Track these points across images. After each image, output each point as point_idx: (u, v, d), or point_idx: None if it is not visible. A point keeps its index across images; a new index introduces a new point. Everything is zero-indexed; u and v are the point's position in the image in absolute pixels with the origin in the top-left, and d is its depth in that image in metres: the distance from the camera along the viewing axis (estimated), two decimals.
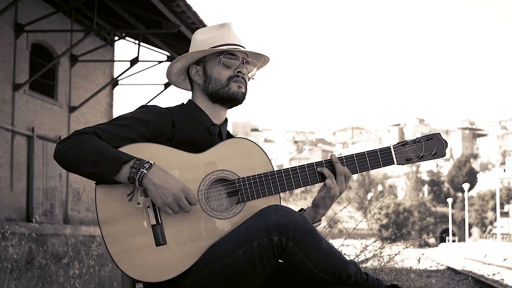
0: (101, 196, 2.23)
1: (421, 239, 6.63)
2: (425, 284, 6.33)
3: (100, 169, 2.15)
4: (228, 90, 2.43)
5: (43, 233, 11.41)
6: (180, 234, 2.23)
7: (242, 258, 2.13)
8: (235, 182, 2.31)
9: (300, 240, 2.12)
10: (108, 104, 17.45)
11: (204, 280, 2.18)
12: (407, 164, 2.41)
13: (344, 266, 2.19)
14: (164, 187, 2.16)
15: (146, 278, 2.19)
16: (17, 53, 13.32)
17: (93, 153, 2.16)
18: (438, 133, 2.45)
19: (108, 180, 2.18)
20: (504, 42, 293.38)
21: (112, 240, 2.20)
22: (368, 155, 2.40)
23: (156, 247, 2.21)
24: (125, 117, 2.32)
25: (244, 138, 2.38)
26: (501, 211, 75.52)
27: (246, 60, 2.48)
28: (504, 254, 23.86)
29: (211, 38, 2.45)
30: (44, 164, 14.42)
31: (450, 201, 68.44)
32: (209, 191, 2.30)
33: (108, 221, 2.21)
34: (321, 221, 2.48)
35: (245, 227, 2.18)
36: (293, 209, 2.23)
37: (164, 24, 12.96)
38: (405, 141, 2.44)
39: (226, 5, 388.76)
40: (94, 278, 6.39)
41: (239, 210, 2.29)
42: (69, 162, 2.20)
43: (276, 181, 2.34)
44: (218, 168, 2.31)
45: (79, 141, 2.19)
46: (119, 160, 2.16)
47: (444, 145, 2.44)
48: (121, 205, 2.23)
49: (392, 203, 78.35)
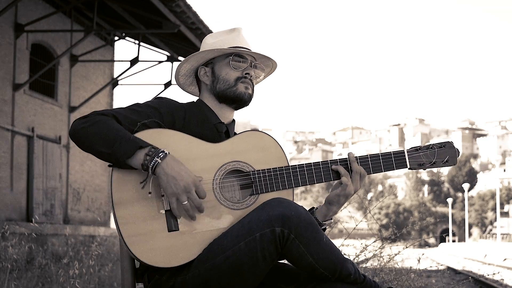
0: (117, 178, 2.23)
1: (421, 239, 6.62)
2: (425, 284, 6.32)
3: (115, 150, 2.16)
4: (235, 90, 2.45)
5: (43, 233, 11.41)
6: (192, 222, 2.24)
7: (244, 250, 2.14)
8: (250, 174, 2.33)
9: (302, 233, 2.13)
10: (108, 104, 17.46)
11: (205, 273, 2.19)
12: (419, 169, 2.46)
13: (344, 264, 2.20)
14: (175, 178, 2.17)
15: (156, 263, 2.19)
16: (17, 53, 13.32)
17: (110, 133, 2.17)
18: (451, 141, 2.49)
19: (121, 163, 2.18)
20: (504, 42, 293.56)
21: (124, 223, 2.20)
22: (382, 157, 2.43)
23: (168, 232, 2.21)
24: (141, 104, 2.34)
25: (261, 132, 2.41)
26: (501, 211, 75.55)
27: (254, 64, 2.51)
28: (504, 254, 23.86)
29: (220, 41, 2.48)
30: (44, 164, 14.42)
31: (450, 201, 68.41)
32: (224, 181, 2.32)
33: (122, 203, 2.21)
34: (332, 219, 2.49)
35: (248, 219, 2.19)
36: (296, 203, 2.24)
37: (164, 24, 12.96)
38: (418, 146, 2.48)
39: (226, 5, 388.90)
40: (94, 278, 6.40)
41: (253, 202, 2.31)
42: (84, 140, 2.20)
43: (290, 176, 2.36)
44: (234, 159, 2.33)
45: (97, 120, 2.20)
46: (135, 144, 2.16)
47: (456, 154, 2.48)
48: (137, 189, 2.23)
49: (392, 203, 78.36)
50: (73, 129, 2.22)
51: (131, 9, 13.31)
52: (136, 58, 15.63)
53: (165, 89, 17.19)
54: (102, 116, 2.22)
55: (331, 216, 2.47)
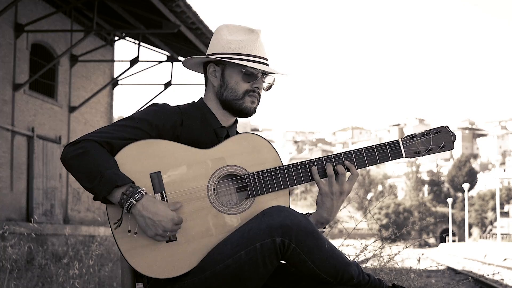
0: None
1: (421, 239, 6.62)
2: (425, 284, 6.32)
3: (95, 186, 2.17)
4: (241, 104, 2.40)
5: (43, 233, 11.40)
6: (190, 230, 2.24)
7: (245, 259, 2.14)
8: (244, 178, 2.31)
9: (302, 242, 2.13)
10: (108, 104, 17.46)
11: (205, 281, 2.19)
12: (416, 157, 2.40)
13: (346, 268, 2.20)
14: (153, 220, 2.16)
15: (156, 274, 2.19)
16: (17, 53, 13.32)
17: (92, 169, 2.17)
18: (447, 126, 2.43)
19: (100, 199, 2.19)
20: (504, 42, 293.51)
21: (122, 237, 2.22)
22: (377, 148, 2.39)
23: (166, 243, 2.22)
24: (134, 118, 2.31)
25: (252, 133, 2.38)
26: (501, 211, 75.46)
27: (266, 75, 2.44)
28: (504, 254, 23.86)
29: (237, 43, 2.38)
30: (44, 164, 14.42)
31: (450, 201, 68.39)
32: (219, 187, 2.30)
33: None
34: (325, 227, 2.44)
35: (248, 228, 2.18)
36: (296, 211, 2.23)
37: (164, 24, 12.96)
38: (413, 134, 2.43)
39: (226, 5, 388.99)
40: (94, 278, 6.39)
41: (249, 205, 2.30)
42: (70, 171, 2.24)
43: (285, 175, 2.34)
44: (227, 164, 2.32)
45: (83, 151, 2.20)
46: (113, 182, 2.15)
47: (452, 138, 2.42)
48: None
49: (392, 203, 78.25)
50: (63, 157, 2.25)
51: (131, 9, 13.31)
52: (136, 58, 15.63)
53: (165, 89, 17.19)
54: (90, 143, 2.21)
55: (322, 222, 2.40)
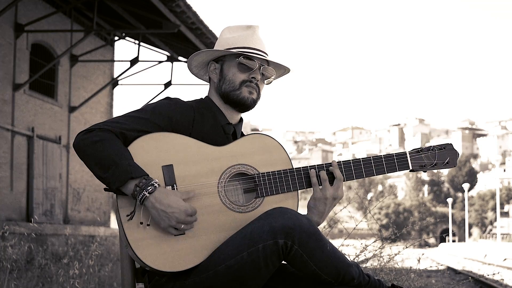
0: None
1: (421, 239, 6.62)
2: (425, 284, 6.33)
3: (108, 176, 2.17)
4: (239, 94, 2.43)
5: (43, 233, 11.42)
6: (198, 225, 2.24)
7: (247, 260, 2.14)
8: (255, 177, 2.33)
9: (305, 244, 2.14)
10: (108, 104, 17.45)
11: (207, 281, 2.18)
12: (421, 170, 2.47)
13: (348, 269, 2.22)
14: (166, 212, 2.16)
15: (162, 267, 2.19)
16: (17, 53, 13.32)
17: (106, 157, 2.17)
18: (451, 143, 2.52)
19: (113, 189, 2.19)
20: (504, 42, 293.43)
21: (131, 227, 2.21)
22: (385, 159, 2.44)
23: (174, 236, 2.21)
24: (147, 109, 2.32)
25: (265, 135, 2.41)
26: (501, 211, 75.49)
27: (264, 67, 2.46)
28: (504, 254, 23.86)
29: (234, 38, 2.44)
30: (44, 164, 14.41)
31: (450, 201, 68.34)
32: (228, 184, 2.32)
33: (127, 208, 2.22)
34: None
35: (250, 229, 2.18)
36: (298, 212, 2.24)
37: (164, 24, 12.95)
38: (419, 148, 2.50)
39: (226, 5, 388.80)
40: (94, 278, 6.39)
41: (258, 204, 2.32)
42: (83, 158, 2.22)
43: (295, 178, 2.37)
44: (239, 162, 2.34)
45: (97, 140, 2.19)
46: (127, 174, 2.15)
47: (456, 155, 2.51)
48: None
49: (392, 203, 78.24)
50: (76, 143, 2.23)
51: (131, 9, 13.30)
52: (136, 58, 15.62)
53: (165, 89, 17.18)
54: (105, 133, 2.21)
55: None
